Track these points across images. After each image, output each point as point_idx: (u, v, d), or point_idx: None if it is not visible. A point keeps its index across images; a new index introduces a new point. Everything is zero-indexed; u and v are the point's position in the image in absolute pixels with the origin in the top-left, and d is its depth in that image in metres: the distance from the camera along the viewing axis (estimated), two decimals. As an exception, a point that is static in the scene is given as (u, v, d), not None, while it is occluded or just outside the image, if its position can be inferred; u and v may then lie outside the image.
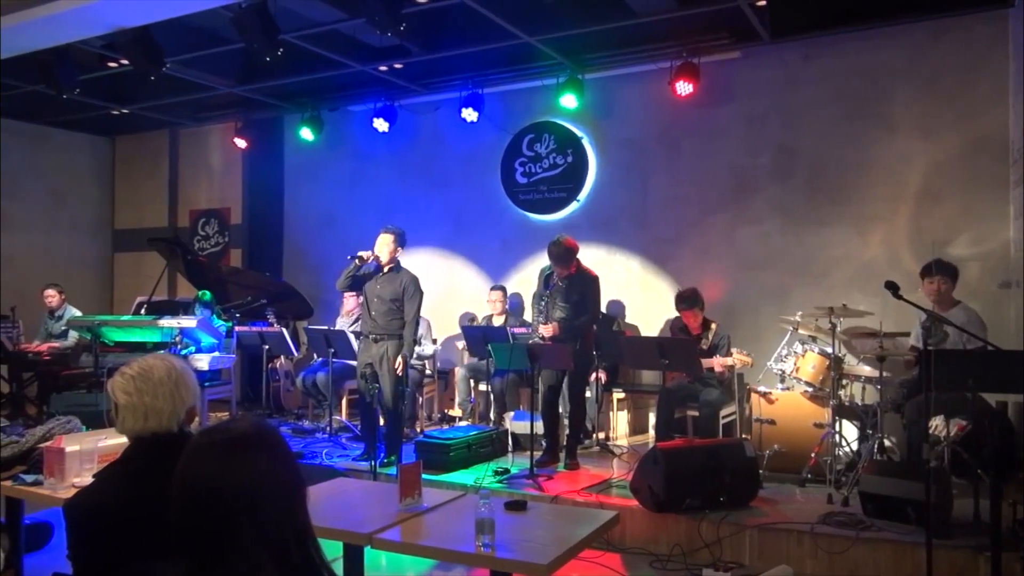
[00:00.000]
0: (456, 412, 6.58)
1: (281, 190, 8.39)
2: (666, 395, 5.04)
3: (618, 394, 6.14)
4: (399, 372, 4.98)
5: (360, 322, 5.43)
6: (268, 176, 8.33)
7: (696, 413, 5.21)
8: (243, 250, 8.46)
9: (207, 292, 6.59)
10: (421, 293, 5.15)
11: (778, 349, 5.11)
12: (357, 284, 5.17)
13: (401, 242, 5.13)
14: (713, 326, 5.33)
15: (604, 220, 6.70)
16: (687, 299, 5.33)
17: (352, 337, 5.73)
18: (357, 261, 5.04)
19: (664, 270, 6.46)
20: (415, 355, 6.01)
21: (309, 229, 8.16)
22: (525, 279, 6.90)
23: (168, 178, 9.02)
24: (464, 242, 7.37)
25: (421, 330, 6.34)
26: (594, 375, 5.65)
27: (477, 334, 5.94)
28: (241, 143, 7.92)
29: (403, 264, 5.24)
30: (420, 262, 7.43)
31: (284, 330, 6.51)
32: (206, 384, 6.00)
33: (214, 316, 6.56)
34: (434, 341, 6.50)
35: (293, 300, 7.20)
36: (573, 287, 5.00)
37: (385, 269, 5.11)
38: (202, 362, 6.01)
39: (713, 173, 6.26)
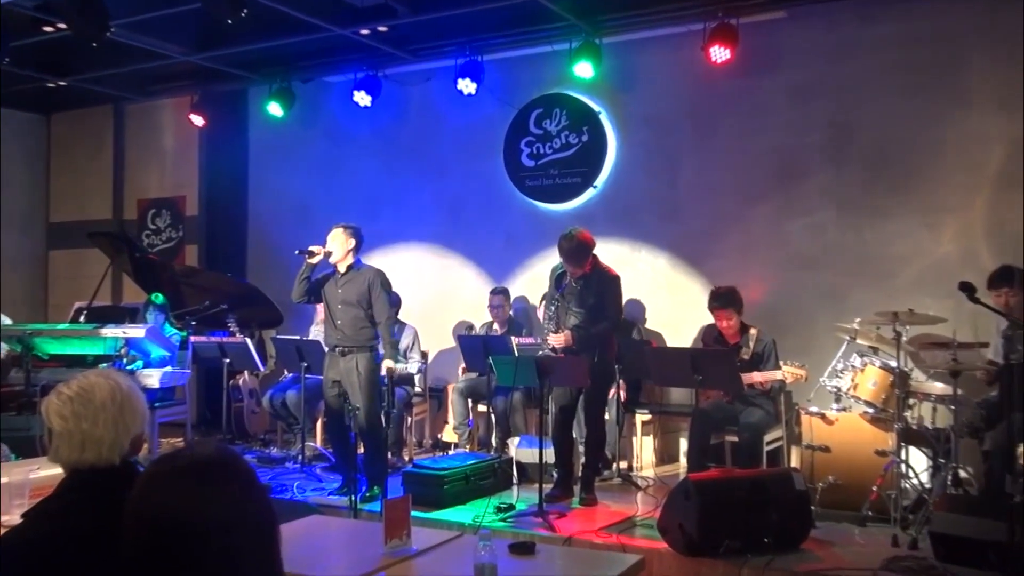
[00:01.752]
0: (451, 437, 6.58)
1: (245, 176, 8.40)
2: (700, 417, 5.03)
3: (643, 416, 6.13)
4: (393, 375, 4.96)
5: (324, 333, 5.43)
6: (230, 160, 8.34)
7: (736, 438, 5.19)
8: (200, 246, 8.47)
9: (160, 295, 6.59)
10: (389, 287, 5.17)
11: (832, 362, 5.09)
12: (314, 290, 5.19)
13: (357, 237, 5.14)
14: (753, 332, 5.33)
15: (625, 210, 6.69)
16: (722, 297, 5.33)
17: (325, 349, 5.71)
18: (307, 256, 5.05)
19: (697, 270, 6.45)
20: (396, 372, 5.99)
21: (278, 222, 8.17)
22: (533, 280, 6.89)
23: (112, 162, 9.04)
24: (461, 237, 7.36)
25: (406, 340, 6.36)
26: (614, 393, 5.64)
27: (476, 345, 5.93)
28: (198, 121, 7.94)
29: (382, 265, 5.30)
30: (409, 261, 7.44)
31: (248, 341, 6.50)
32: (156, 405, 5.99)
33: (166, 324, 6.56)
34: (423, 355, 6.47)
35: (259, 305, 7.19)
36: (589, 289, 5.00)
37: (343, 269, 5.12)
38: (152, 379, 6.01)
39: (754, 156, 6.25)
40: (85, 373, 1.91)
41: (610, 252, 6.32)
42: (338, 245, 5.09)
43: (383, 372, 4.99)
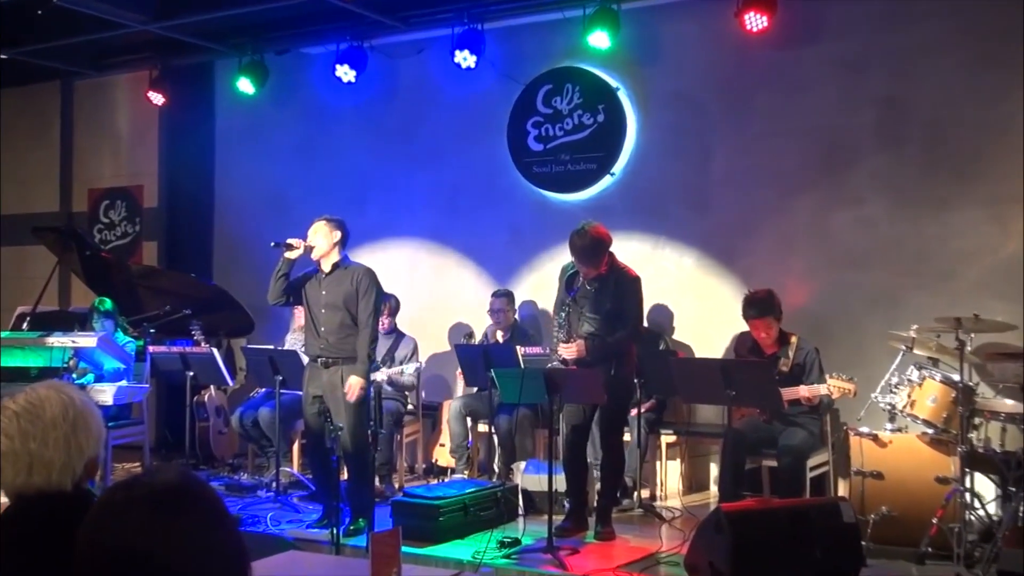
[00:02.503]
0: (447, 461, 6.57)
1: (211, 163, 8.41)
2: (733, 438, 5.03)
3: (667, 437, 6.13)
4: (352, 399, 4.97)
5: (305, 341, 5.44)
6: (194, 144, 8.36)
7: (774, 463, 5.20)
8: (160, 243, 8.49)
9: (106, 299, 6.60)
10: (380, 289, 5.18)
11: (886, 376, 5.08)
12: (293, 290, 5.18)
13: (342, 230, 5.15)
14: (793, 340, 5.34)
15: (647, 201, 6.69)
16: (758, 304, 5.33)
17: (307, 360, 5.72)
18: (285, 250, 5.04)
19: (729, 269, 6.45)
20: (386, 378, 6.01)
21: (249, 215, 8.18)
22: (540, 282, 6.90)
23: (60, 147, 9.07)
24: (458, 232, 7.37)
25: (404, 351, 6.38)
26: (635, 412, 5.64)
27: (475, 356, 5.94)
28: (157, 99, 7.96)
29: (367, 264, 5.28)
30: (399, 260, 7.45)
31: (215, 351, 6.51)
32: (110, 425, 5.99)
33: (118, 332, 6.57)
34: (418, 370, 6.44)
35: (227, 310, 7.20)
36: (605, 292, 5.00)
37: (327, 267, 5.12)
38: (104, 394, 6.02)
39: (795, 138, 6.25)
40: (34, 386, 1.91)
41: (629, 250, 6.32)
42: (321, 238, 5.09)
43: (365, 386, 4.99)
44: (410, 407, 6.60)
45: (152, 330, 6.89)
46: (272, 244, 5.14)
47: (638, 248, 6.58)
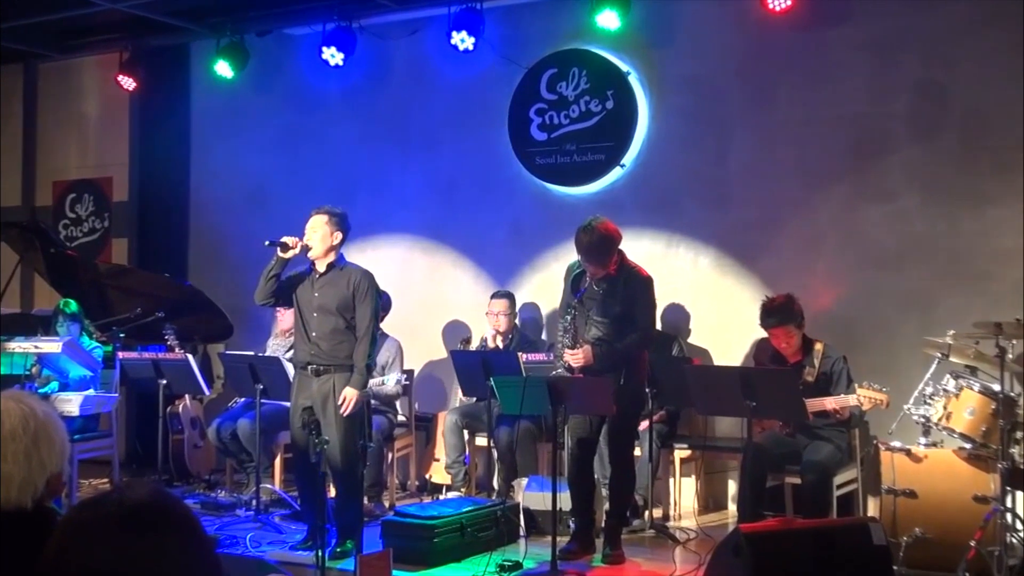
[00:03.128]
0: (442, 478, 6.59)
1: (187, 153, 8.42)
2: (753, 453, 5.03)
3: (682, 451, 6.14)
4: (345, 413, 4.97)
5: (294, 347, 5.44)
6: (168, 132, 8.36)
7: (798, 480, 5.20)
8: (131, 240, 8.50)
9: (72, 301, 6.60)
10: (378, 293, 5.19)
11: (920, 386, 5.07)
12: (284, 291, 5.19)
13: (342, 226, 5.15)
14: (818, 347, 5.35)
15: (660, 195, 6.69)
16: (777, 311, 5.33)
17: (290, 368, 5.74)
18: (279, 249, 5.05)
19: (749, 269, 6.46)
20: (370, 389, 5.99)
21: (228, 210, 8.19)
22: (544, 283, 6.90)
23: (22, 135, 9.07)
24: (455, 228, 7.38)
25: (386, 355, 6.37)
26: (646, 424, 5.64)
27: (473, 363, 5.95)
28: (128, 83, 7.96)
29: (357, 263, 5.28)
30: (390, 258, 7.45)
31: (190, 357, 6.52)
32: (76, 437, 6.01)
33: (86, 336, 6.58)
34: (405, 379, 6.44)
35: (203, 313, 7.21)
36: (614, 293, 5.01)
37: (322, 267, 5.14)
38: (70, 404, 6.02)
39: (822, 127, 6.26)
40: (-9, 396, 1.92)
41: (641, 248, 6.33)
42: (319, 238, 5.08)
43: (361, 399, 5.00)
44: (401, 418, 6.59)
45: (122, 334, 6.89)
46: (266, 243, 5.13)
47: (650, 246, 6.58)
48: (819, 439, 5.19)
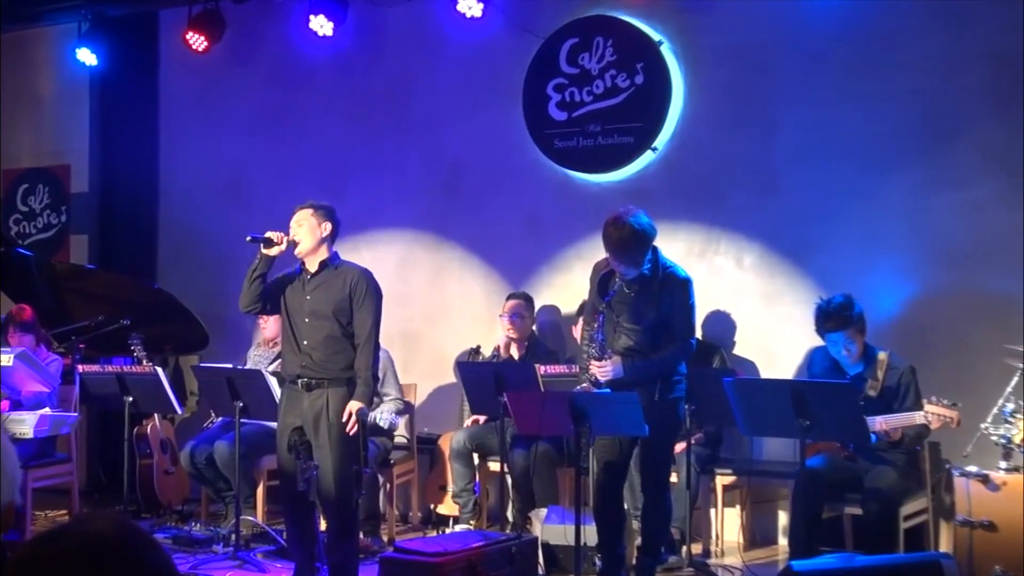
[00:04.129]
0: (449, 509, 6.58)
1: (155, 137, 8.44)
2: (808, 480, 5.01)
3: (724, 478, 6.13)
4: (352, 431, 4.97)
5: (282, 358, 5.45)
6: (134, 113, 8.38)
7: (859, 510, 5.18)
8: (91, 237, 8.51)
9: (24, 307, 6.61)
10: (379, 295, 5.18)
11: (999, 402, 5.05)
12: (271, 295, 5.20)
13: (332, 220, 5.17)
14: (882, 357, 5.33)
15: (698, 184, 6.68)
16: (835, 315, 5.31)
17: (274, 383, 5.74)
18: (263, 246, 5.07)
19: (801, 268, 6.45)
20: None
21: (202, 202, 8.20)
22: (566, 285, 6.91)
23: (-33, 117, 9.11)
24: (462, 222, 7.38)
25: (377, 369, 6.35)
26: (683, 446, 5.63)
27: (484, 376, 5.93)
28: (89, 58, 7.98)
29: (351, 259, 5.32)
30: (387, 257, 7.45)
31: (160, 370, 6.51)
32: (30, 464, 6.00)
33: (41, 347, 6.57)
34: (399, 410, 6.39)
35: (175, 320, 7.21)
36: (648, 296, 4.99)
37: (314, 266, 5.14)
38: (22, 425, 6.02)
39: (885, 103, 6.23)
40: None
41: (676, 245, 6.34)
42: (307, 232, 5.10)
43: (350, 415, 5.00)
44: (400, 439, 6.59)
45: (82, 345, 6.90)
46: (248, 239, 5.15)
47: (687, 243, 6.58)
48: (883, 463, 5.18)
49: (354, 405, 5.01)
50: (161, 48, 8.36)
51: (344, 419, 4.99)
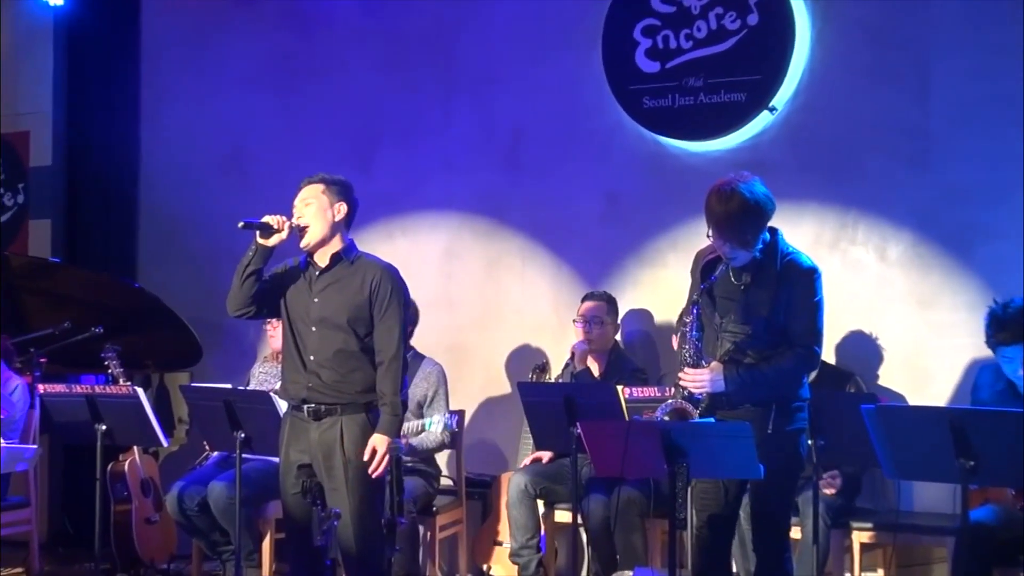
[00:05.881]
0: (506, 569, 6.61)
1: (135, 99, 8.54)
2: (973, 536, 4.96)
3: (862, 533, 6.13)
4: (376, 474, 4.99)
5: (282, 377, 5.48)
6: (108, 69, 8.47)
7: (1044, 578, 5.13)
8: (55, 222, 8.62)
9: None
10: (406, 299, 5.24)
11: None
12: (268, 296, 5.21)
13: (345, 195, 5.18)
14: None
15: (829, 153, 6.70)
16: (1013, 323, 5.31)
17: (282, 407, 5.73)
18: (258, 234, 5.06)
19: (964, 261, 6.44)
20: (405, 441, 6.01)
21: (193, 180, 8.30)
22: (657, 284, 6.97)
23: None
24: (523, 203, 7.42)
25: (426, 386, 6.52)
26: (810, 492, 5.54)
27: (551, 401, 5.89)
28: (53, -1, 8.08)
29: (376, 253, 5.35)
30: (431, 247, 7.50)
31: (141, 391, 6.53)
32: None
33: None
34: (455, 421, 6.49)
35: (159, 328, 7.26)
36: (763, 288, 4.96)
37: (324, 260, 5.16)
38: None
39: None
40: None
41: (803, 230, 6.39)
42: (315, 214, 5.09)
43: (374, 452, 5.01)
44: (446, 482, 6.59)
45: (43, 359, 6.96)
46: (240, 225, 5.11)
47: (815, 228, 6.62)
48: (1073, 516, 5.09)
49: (380, 440, 5.00)
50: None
51: (366, 457, 4.99)
